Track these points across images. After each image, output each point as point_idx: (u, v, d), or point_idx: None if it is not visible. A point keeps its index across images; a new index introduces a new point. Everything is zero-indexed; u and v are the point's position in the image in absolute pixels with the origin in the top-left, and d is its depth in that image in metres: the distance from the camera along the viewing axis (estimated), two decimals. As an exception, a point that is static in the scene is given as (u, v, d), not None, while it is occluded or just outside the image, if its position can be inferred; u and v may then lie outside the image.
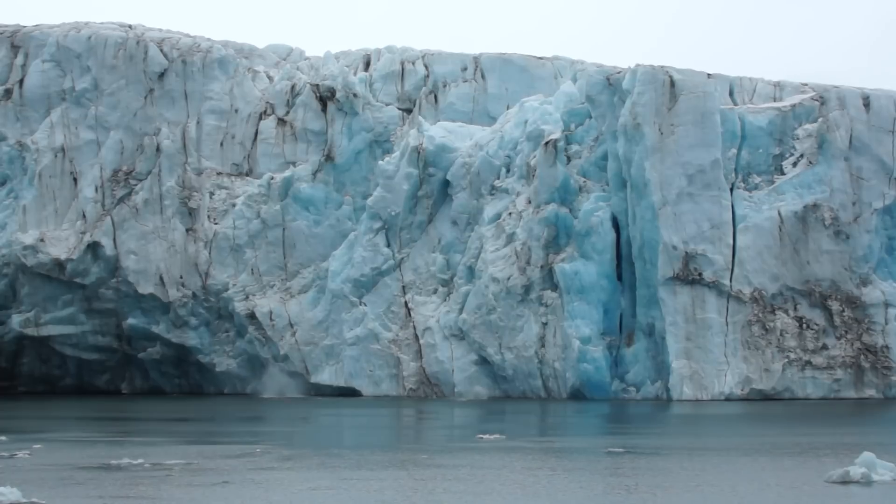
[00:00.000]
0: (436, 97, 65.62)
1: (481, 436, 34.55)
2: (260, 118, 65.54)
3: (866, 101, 56.53)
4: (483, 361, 58.26)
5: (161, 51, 65.41)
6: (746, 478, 24.76)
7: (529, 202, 57.56)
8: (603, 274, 56.55)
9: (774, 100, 58.97)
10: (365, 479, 25.25)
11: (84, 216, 63.66)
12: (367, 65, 68.00)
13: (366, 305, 61.11)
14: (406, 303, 60.93)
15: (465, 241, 60.19)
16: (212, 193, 64.23)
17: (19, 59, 65.63)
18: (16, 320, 64.31)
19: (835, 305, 54.49)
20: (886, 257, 56.07)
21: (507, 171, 59.45)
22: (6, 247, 63.39)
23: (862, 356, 54.12)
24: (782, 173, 55.85)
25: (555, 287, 56.43)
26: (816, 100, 56.74)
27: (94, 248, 63.18)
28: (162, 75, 65.13)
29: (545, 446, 32.49)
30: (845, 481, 23.61)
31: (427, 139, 61.27)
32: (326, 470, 27.22)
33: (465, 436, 35.97)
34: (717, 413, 46.89)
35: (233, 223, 63.71)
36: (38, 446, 32.68)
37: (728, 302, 54.10)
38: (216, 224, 63.95)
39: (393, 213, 61.38)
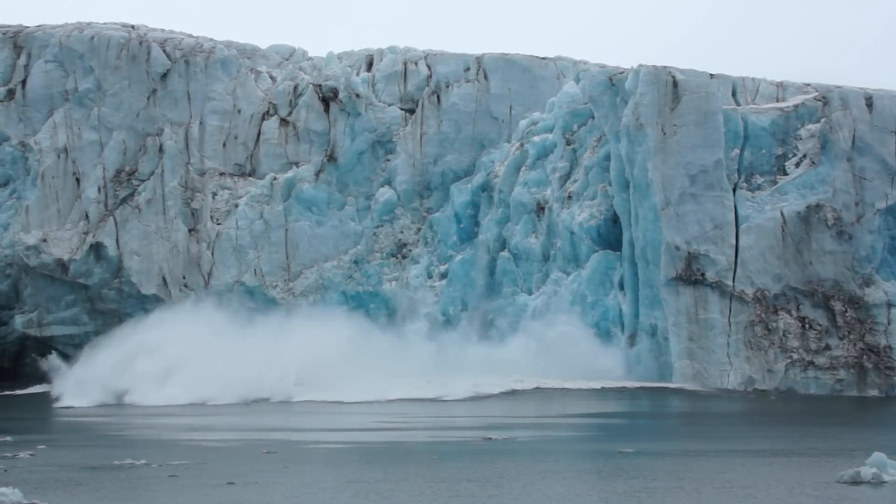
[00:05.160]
0: (438, 97, 65.59)
1: (489, 436, 34.56)
2: (262, 118, 65.52)
3: (869, 102, 56.49)
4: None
5: (164, 51, 65.41)
6: (757, 478, 24.78)
7: None
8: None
9: (777, 100, 58.92)
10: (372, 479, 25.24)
11: (87, 216, 63.67)
12: (370, 65, 67.96)
13: None
14: None
15: None
16: (214, 194, 64.23)
17: (22, 60, 65.62)
18: (19, 321, 64.34)
19: (837, 306, 54.47)
20: (889, 257, 56.01)
21: None
22: (9, 247, 63.42)
23: (865, 356, 54.09)
24: (785, 173, 55.83)
25: None
26: (819, 100, 56.72)
27: (96, 248, 63.19)
28: (165, 76, 65.13)
29: (555, 447, 32.47)
30: (856, 482, 23.61)
31: None
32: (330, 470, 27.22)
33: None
34: (723, 412, 46.89)
35: (235, 224, 63.72)
36: (42, 447, 32.70)
37: (731, 302, 54.10)
38: (219, 224, 63.95)
39: None
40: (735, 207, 54.82)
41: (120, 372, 55.44)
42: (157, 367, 54.98)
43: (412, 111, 65.82)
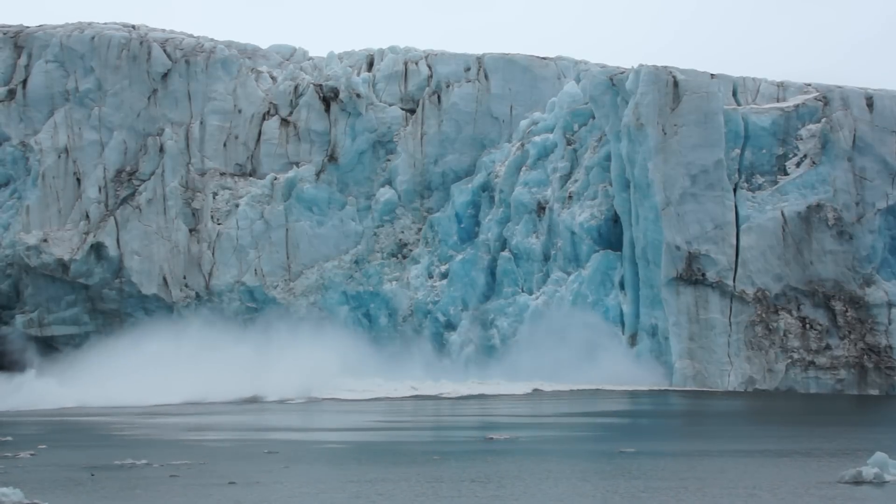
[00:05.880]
0: (439, 97, 65.59)
1: (491, 436, 34.55)
2: (263, 118, 65.52)
3: (870, 102, 56.50)
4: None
5: (164, 51, 65.42)
6: (760, 478, 24.79)
7: None
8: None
9: (778, 100, 58.92)
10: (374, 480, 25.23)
11: (87, 216, 63.68)
12: (371, 65, 67.96)
13: None
14: None
15: None
16: (215, 194, 64.25)
17: (23, 60, 65.62)
18: (19, 321, 64.35)
19: (838, 306, 54.47)
20: (890, 257, 56.02)
21: None
22: (10, 247, 63.44)
23: (865, 356, 54.11)
24: (785, 173, 55.85)
25: None
26: (820, 100, 56.72)
27: (97, 248, 63.20)
28: (165, 76, 65.13)
29: (557, 447, 32.49)
30: (858, 481, 23.60)
31: None
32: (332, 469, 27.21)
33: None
34: (724, 411, 46.91)
35: (236, 224, 63.73)
36: (43, 447, 32.69)
37: (731, 302, 54.11)
38: (219, 225, 63.96)
39: None
40: (735, 207, 54.83)
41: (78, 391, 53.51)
42: (128, 387, 53.38)
43: (413, 111, 65.81)
